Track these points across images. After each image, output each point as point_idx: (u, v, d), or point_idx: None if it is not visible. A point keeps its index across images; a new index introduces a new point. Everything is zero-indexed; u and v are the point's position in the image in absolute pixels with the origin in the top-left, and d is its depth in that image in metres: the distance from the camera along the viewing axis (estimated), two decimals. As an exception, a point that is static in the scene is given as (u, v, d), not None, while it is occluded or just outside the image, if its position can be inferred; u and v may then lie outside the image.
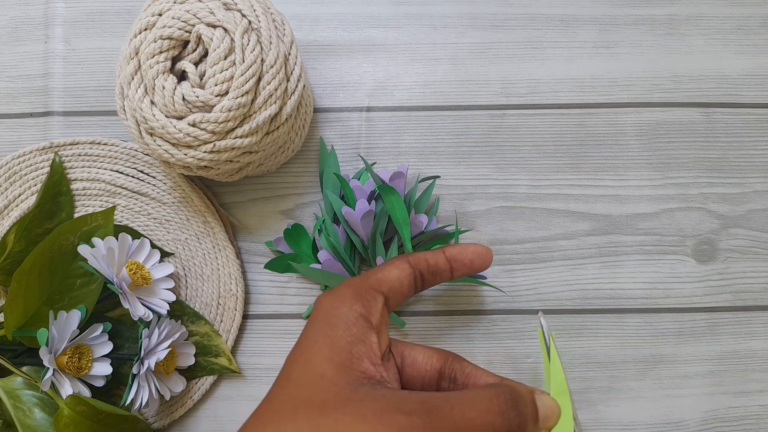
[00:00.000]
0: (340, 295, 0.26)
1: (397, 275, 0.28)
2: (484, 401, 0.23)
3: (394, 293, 0.28)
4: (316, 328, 0.26)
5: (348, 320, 0.25)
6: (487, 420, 0.23)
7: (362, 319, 0.26)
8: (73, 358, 0.37)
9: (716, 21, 0.48)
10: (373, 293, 0.27)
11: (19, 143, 0.46)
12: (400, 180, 0.42)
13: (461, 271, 0.29)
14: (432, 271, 0.29)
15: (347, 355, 0.25)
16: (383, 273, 0.28)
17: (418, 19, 0.47)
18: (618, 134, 0.47)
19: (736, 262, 0.46)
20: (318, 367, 0.25)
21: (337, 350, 0.25)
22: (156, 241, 0.45)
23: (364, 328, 0.26)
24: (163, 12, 0.37)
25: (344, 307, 0.26)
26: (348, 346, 0.25)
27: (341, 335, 0.25)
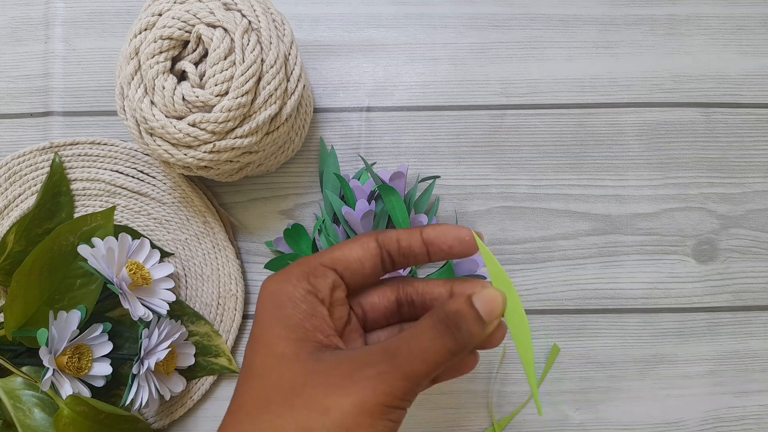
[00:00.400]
0: (285, 275, 0.26)
1: (359, 255, 0.27)
2: (429, 331, 0.24)
3: (352, 273, 0.27)
4: (266, 311, 0.26)
5: (295, 298, 0.25)
6: (438, 346, 0.24)
7: (310, 295, 0.26)
8: (73, 358, 0.37)
9: (716, 21, 0.48)
10: (323, 270, 0.26)
11: (19, 143, 0.46)
12: (400, 180, 0.42)
13: (439, 256, 0.28)
14: (404, 253, 0.27)
15: (302, 330, 0.25)
16: (341, 251, 0.27)
17: (418, 19, 0.47)
18: (618, 134, 0.47)
19: (736, 262, 0.46)
20: (276, 348, 0.25)
21: (291, 327, 0.25)
22: (156, 241, 0.45)
23: (313, 303, 0.26)
24: (163, 12, 0.37)
25: (289, 286, 0.26)
26: (300, 321, 0.25)
27: (291, 313, 0.25)
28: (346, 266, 0.27)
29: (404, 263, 0.28)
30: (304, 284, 0.26)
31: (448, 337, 0.24)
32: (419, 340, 0.24)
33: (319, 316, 0.26)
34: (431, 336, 0.24)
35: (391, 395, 0.23)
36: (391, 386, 0.23)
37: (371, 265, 0.27)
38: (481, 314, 0.25)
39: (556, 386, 0.45)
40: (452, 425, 0.44)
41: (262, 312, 0.26)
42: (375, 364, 0.24)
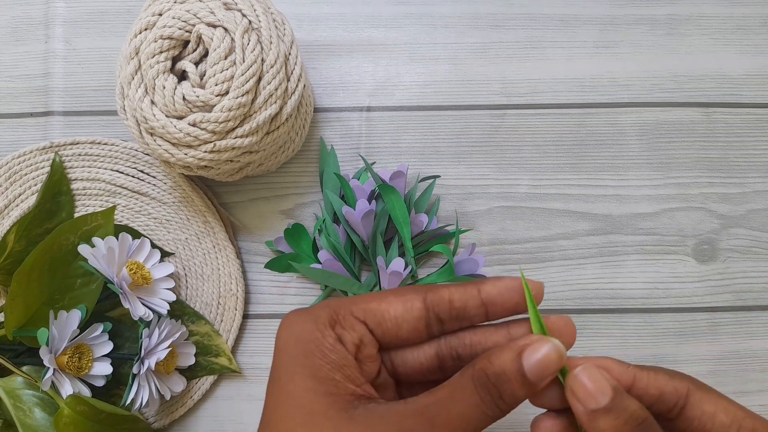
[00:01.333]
0: (313, 317, 0.24)
1: (397, 314, 0.24)
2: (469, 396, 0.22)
3: (384, 331, 0.24)
4: (291, 357, 0.23)
5: (324, 347, 0.23)
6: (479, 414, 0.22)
7: (338, 344, 0.23)
8: (73, 357, 0.37)
9: (716, 21, 0.48)
10: (352, 322, 0.24)
11: (19, 143, 0.46)
12: (400, 179, 0.42)
13: (500, 315, 0.24)
14: (456, 316, 0.24)
15: (332, 383, 0.23)
16: (379, 303, 0.24)
17: (418, 19, 0.47)
18: (618, 134, 0.47)
19: (736, 262, 0.46)
20: (304, 401, 0.22)
21: (320, 380, 0.23)
22: (156, 240, 0.45)
23: (342, 353, 0.23)
24: (163, 12, 0.37)
25: (317, 333, 0.23)
26: (329, 373, 0.23)
27: (320, 363, 0.23)
28: (379, 323, 0.24)
29: (455, 327, 0.25)
30: (331, 332, 0.24)
31: (490, 404, 0.22)
32: (459, 405, 0.22)
33: (349, 366, 0.23)
34: (471, 403, 0.22)
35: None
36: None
37: (410, 329, 0.24)
38: (529, 376, 0.22)
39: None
40: (452, 425, 0.44)
41: (287, 357, 0.24)
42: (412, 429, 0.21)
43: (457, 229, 0.44)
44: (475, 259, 0.42)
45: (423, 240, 0.43)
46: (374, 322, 0.24)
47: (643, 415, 0.23)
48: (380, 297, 0.24)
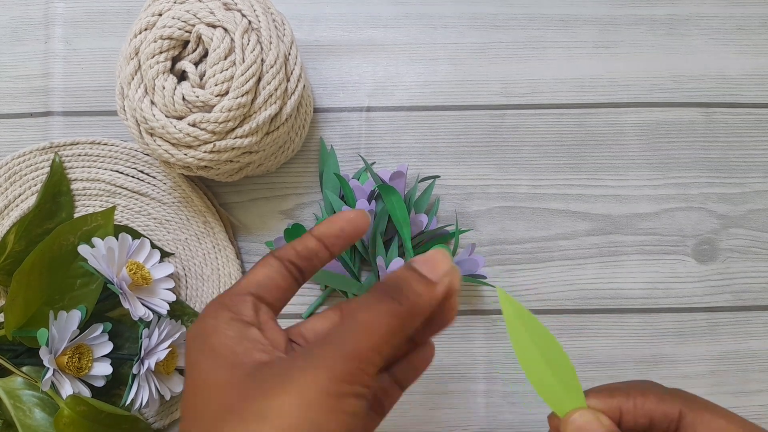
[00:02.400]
0: (204, 314, 0.24)
1: (264, 273, 0.25)
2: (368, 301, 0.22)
3: (266, 290, 0.25)
4: (192, 351, 0.23)
5: (219, 327, 0.23)
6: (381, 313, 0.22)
7: (234, 321, 0.23)
8: (73, 358, 0.37)
9: (716, 21, 0.48)
10: (239, 297, 0.24)
11: (19, 143, 0.46)
12: (399, 180, 0.42)
13: (338, 245, 0.26)
14: (305, 257, 0.26)
15: (233, 356, 0.22)
16: (247, 277, 0.25)
17: (418, 19, 0.47)
18: (618, 134, 0.47)
19: (736, 262, 0.46)
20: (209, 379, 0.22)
21: (221, 356, 0.22)
22: (156, 241, 0.45)
23: (239, 327, 0.23)
24: (163, 12, 0.37)
25: (210, 319, 0.23)
26: (230, 347, 0.22)
27: (218, 342, 0.23)
28: (258, 286, 0.25)
29: (311, 266, 0.26)
30: (225, 313, 0.23)
31: (391, 302, 0.22)
32: (356, 315, 0.22)
33: (251, 338, 0.23)
34: (370, 304, 0.22)
35: (336, 380, 0.20)
36: (331, 370, 0.20)
37: (281, 277, 0.25)
38: (424, 273, 0.23)
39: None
40: (452, 425, 0.44)
41: (189, 354, 0.23)
42: (311, 355, 0.21)
43: (457, 229, 0.44)
44: (475, 259, 0.42)
45: (423, 240, 0.43)
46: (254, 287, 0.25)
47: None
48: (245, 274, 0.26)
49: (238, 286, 0.25)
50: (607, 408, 0.25)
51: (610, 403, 0.25)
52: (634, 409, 0.24)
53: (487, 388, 0.45)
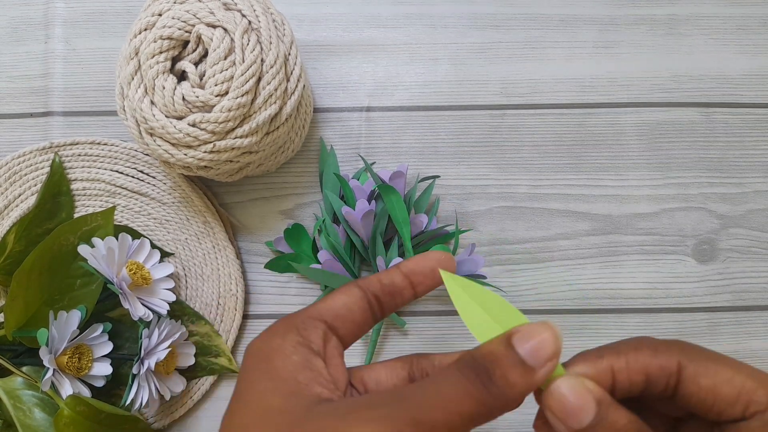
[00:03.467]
0: (272, 330, 0.23)
1: (344, 302, 0.24)
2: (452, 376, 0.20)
3: (342, 321, 0.24)
4: (251, 368, 0.22)
5: (285, 350, 0.22)
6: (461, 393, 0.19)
7: (302, 347, 0.22)
8: (73, 358, 0.37)
9: (716, 21, 0.48)
10: (312, 322, 0.23)
11: (19, 143, 0.46)
12: (399, 179, 0.42)
13: (425, 284, 0.25)
14: (388, 292, 0.24)
15: (294, 383, 0.21)
16: (325, 302, 0.24)
17: (418, 19, 0.47)
18: (618, 134, 0.47)
19: (736, 262, 0.46)
20: (262, 401, 0.21)
21: (281, 380, 0.21)
22: (156, 241, 0.45)
23: (306, 354, 0.22)
24: (163, 12, 0.37)
25: (278, 339, 0.22)
26: (292, 374, 0.21)
27: (281, 365, 0.21)
28: (335, 315, 0.23)
29: (392, 303, 0.25)
30: (293, 336, 0.22)
31: (478, 384, 0.19)
32: (438, 384, 0.20)
33: (315, 369, 0.22)
34: (453, 381, 0.19)
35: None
36: (394, 428, 0.18)
37: (359, 310, 0.24)
38: (524, 357, 0.19)
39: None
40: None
41: (246, 370, 0.22)
42: (378, 406, 0.19)
43: (457, 229, 0.44)
44: (475, 260, 0.42)
45: (423, 240, 0.43)
46: (330, 316, 0.24)
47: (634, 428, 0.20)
48: (324, 298, 0.24)
49: (314, 309, 0.24)
50: (596, 371, 0.22)
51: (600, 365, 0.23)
52: (627, 367, 0.22)
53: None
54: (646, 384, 0.22)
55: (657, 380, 0.22)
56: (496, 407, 0.19)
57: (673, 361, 0.21)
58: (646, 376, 0.22)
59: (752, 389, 0.20)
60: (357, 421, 0.19)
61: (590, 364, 0.23)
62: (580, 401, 0.20)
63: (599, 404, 0.20)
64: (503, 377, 0.19)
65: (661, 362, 0.22)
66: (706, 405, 0.21)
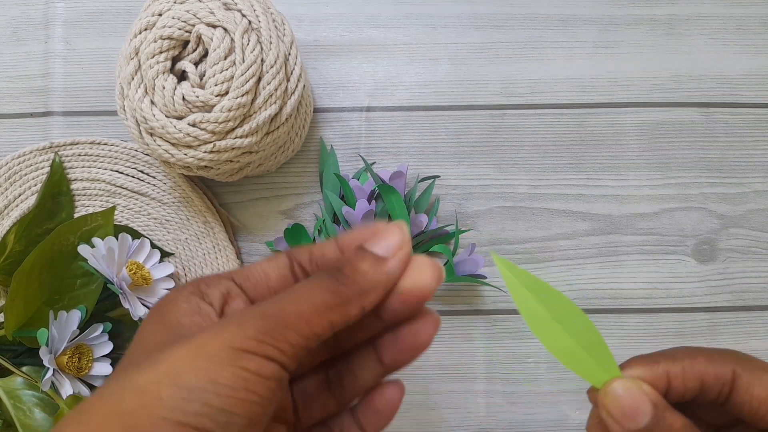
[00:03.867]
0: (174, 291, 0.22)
1: (262, 267, 0.23)
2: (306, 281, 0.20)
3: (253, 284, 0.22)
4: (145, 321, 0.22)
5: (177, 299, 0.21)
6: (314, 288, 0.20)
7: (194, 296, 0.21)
8: (73, 358, 0.37)
9: (716, 21, 0.48)
10: (216, 280, 0.22)
11: (19, 143, 0.46)
12: (399, 179, 0.42)
13: None
14: (317, 262, 0.23)
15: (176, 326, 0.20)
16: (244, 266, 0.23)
17: (418, 19, 0.47)
18: (618, 134, 0.47)
19: (736, 262, 0.46)
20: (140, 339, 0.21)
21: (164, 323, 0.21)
22: (156, 241, 0.45)
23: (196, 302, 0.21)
24: (163, 12, 0.37)
25: (174, 293, 0.22)
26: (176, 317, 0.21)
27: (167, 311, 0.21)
28: (245, 276, 0.22)
29: None
30: (189, 288, 0.22)
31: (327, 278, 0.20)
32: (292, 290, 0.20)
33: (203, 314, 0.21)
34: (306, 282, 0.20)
35: (243, 335, 0.18)
36: (241, 326, 0.18)
37: (277, 276, 0.23)
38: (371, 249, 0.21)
39: (556, 386, 0.45)
40: (452, 425, 0.44)
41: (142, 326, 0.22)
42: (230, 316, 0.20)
43: (457, 229, 0.44)
44: (475, 260, 0.42)
45: (423, 240, 0.43)
46: (241, 277, 0.22)
47: None
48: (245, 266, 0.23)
49: (227, 271, 0.23)
50: (653, 375, 0.22)
51: (656, 370, 0.22)
52: (682, 373, 0.22)
53: (487, 388, 0.45)
54: (700, 390, 0.22)
55: (711, 387, 0.22)
56: (349, 296, 0.20)
57: (728, 370, 0.22)
58: (701, 383, 0.22)
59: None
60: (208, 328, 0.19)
61: (646, 367, 0.23)
62: (636, 403, 0.21)
63: (655, 407, 0.21)
64: (352, 268, 0.20)
65: (716, 370, 0.22)
66: (759, 414, 0.22)
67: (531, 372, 0.45)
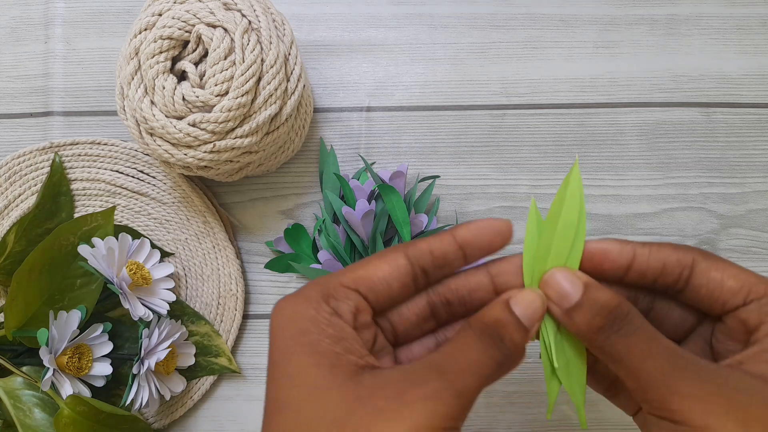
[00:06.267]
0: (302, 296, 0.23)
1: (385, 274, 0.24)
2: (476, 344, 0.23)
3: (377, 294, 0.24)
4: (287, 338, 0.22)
5: (320, 322, 0.22)
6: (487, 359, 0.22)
7: (335, 317, 0.23)
8: (73, 358, 0.37)
9: (716, 21, 0.48)
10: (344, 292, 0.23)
11: (19, 143, 0.46)
12: (399, 179, 0.42)
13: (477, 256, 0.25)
14: (439, 264, 0.24)
15: (333, 356, 0.22)
16: (366, 269, 0.24)
17: (418, 19, 0.47)
18: (618, 134, 0.47)
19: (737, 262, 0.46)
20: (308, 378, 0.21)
21: (321, 354, 0.22)
22: (156, 241, 0.45)
23: (339, 325, 0.22)
24: (163, 12, 0.37)
25: (311, 310, 0.23)
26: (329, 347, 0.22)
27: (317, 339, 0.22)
28: (370, 287, 0.23)
29: (440, 275, 0.25)
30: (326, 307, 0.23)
31: (494, 348, 0.23)
32: (467, 353, 0.22)
33: (348, 338, 0.22)
34: (479, 348, 0.22)
35: (447, 416, 0.20)
36: (446, 406, 0.21)
37: (400, 286, 0.24)
38: (522, 320, 0.23)
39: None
40: (452, 425, 0.44)
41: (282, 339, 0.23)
42: (425, 383, 0.21)
43: (457, 229, 0.44)
44: (475, 259, 0.42)
45: (423, 240, 0.43)
46: (366, 288, 0.24)
47: (614, 303, 0.23)
48: (366, 263, 0.24)
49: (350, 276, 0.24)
50: (620, 248, 0.25)
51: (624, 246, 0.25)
52: (648, 253, 0.24)
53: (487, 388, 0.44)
54: (662, 272, 0.24)
55: (672, 270, 0.24)
56: (506, 365, 0.23)
57: (689, 257, 0.24)
58: (663, 264, 0.24)
59: (754, 282, 0.24)
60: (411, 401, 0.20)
61: (616, 243, 0.25)
62: (571, 285, 0.24)
63: (586, 286, 0.24)
64: (511, 339, 0.23)
65: (679, 256, 0.24)
66: (713, 296, 0.24)
67: (531, 372, 0.45)
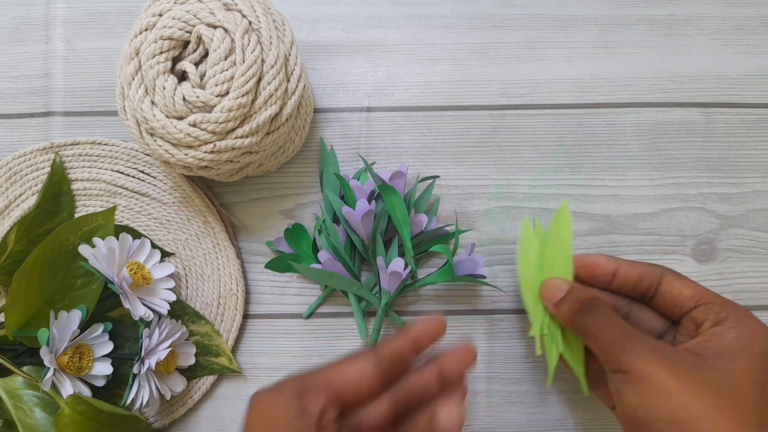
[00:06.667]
0: (277, 393, 0.27)
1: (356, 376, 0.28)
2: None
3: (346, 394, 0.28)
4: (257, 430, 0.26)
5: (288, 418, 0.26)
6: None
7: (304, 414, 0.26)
8: (73, 357, 0.37)
9: (716, 21, 0.48)
10: (316, 394, 0.27)
11: (19, 143, 0.46)
12: (399, 179, 0.42)
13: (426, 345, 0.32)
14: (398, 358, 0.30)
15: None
16: (337, 372, 0.28)
17: (418, 19, 0.47)
18: (618, 134, 0.47)
19: (736, 262, 0.46)
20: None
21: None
22: (156, 241, 0.45)
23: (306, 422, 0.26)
24: (163, 12, 0.37)
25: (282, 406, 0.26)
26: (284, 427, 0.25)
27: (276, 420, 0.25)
28: (341, 388, 0.27)
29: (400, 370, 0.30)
30: (294, 405, 0.26)
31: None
32: None
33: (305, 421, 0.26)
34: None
35: None
36: None
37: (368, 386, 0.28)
38: None
39: (556, 386, 0.45)
40: (452, 425, 0.44)
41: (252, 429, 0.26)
42: None
43: (457, 229, 0.44)
44: (475, 259, 0.42)
45: (423, 240, 0.44)
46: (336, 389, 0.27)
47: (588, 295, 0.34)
48: (338, 366, 0.29)
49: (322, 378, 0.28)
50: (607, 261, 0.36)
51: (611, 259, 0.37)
52: (629, 267, 0.36)
53: (487, 388, 0.45)
54: (638, 281, 0.36)
55: (646, 279, 0.36)
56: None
57: (659, 271, 0.36)
58: (639, 275, 0.36)
59: (704, 293, 0.34)
60: None
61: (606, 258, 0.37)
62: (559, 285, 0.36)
63: (570, 287, 0.35)
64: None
65: (651, 270, 0.36)
66: (675, 300, 0.35)
67: (531, 372, 0.45)
